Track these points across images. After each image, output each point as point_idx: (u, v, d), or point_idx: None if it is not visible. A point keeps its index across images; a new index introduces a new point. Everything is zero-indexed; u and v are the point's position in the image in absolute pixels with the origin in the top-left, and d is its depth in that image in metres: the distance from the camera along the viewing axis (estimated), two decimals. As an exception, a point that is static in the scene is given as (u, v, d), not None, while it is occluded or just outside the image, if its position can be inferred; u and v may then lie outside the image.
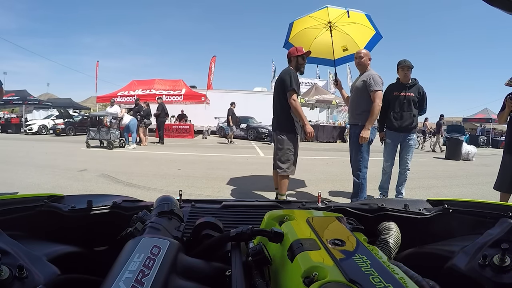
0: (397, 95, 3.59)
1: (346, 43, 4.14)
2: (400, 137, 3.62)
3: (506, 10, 0.46)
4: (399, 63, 3.62)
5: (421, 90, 3.59)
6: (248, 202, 1.07)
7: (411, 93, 3.56)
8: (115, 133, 8.86)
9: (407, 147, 3.64)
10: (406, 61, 3.59)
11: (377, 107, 3.16)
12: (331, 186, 4.60)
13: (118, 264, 0.45)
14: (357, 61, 3.40)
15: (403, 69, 3.59)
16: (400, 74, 3.64)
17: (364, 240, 0.60)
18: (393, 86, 3.70)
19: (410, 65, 3.57)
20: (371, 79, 3.19)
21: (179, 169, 5.67)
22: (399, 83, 3.65)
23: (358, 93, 3.31)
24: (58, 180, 4.33)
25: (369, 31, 3.93)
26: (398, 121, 3.56)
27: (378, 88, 3.18)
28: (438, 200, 0.98)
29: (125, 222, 0.71)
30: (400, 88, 3.60)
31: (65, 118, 15.69)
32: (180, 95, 14.13)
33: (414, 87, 3.59)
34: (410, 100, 3.55)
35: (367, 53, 3.43)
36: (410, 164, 3.67)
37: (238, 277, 0.50)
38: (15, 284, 0.46)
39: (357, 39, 4.08)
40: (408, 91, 3.56)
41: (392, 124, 3.60)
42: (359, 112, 3.29)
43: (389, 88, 3.72)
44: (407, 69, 3.57)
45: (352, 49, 4.09)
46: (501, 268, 0.55)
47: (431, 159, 9.29)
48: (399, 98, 3.58)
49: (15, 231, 0.67)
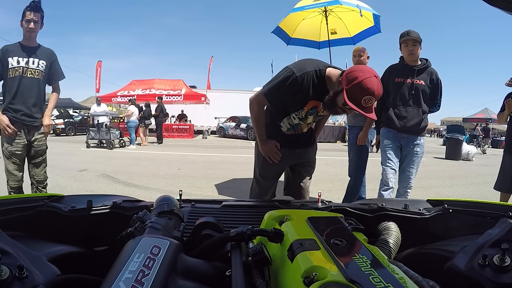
0: (401, 82, 2.55)
1: (336, 27, 3.94)
2: (402, 139, 2.59)
3: (506, 10, 0.46)
4: (402, 36, 2.55)
5: (434, 75, 2.54)
6: (248, 202, 1.07)
7: (420, 80, 2.52)
8: (115, 133, 8.87)
9: (411, 155, 2.56)
10: (411, 32, 2.50)
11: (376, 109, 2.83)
12: (331, 186, 4.60)
13: (118, 264, 0.45)
14: (356, 59, 3.03)
15: (406, 43, 2.51)
16: (404, 52, 2.56)
17: (364, 240, 0.60)
18: (395, 70, 2.63)
19: (418, 38, 2.48)
20: None
21: (179, 169, 5.67)
22: (403, 65, 2.59)
23: None
24: (58, 180, 4.33)
25: (366, 21, 3.76)
26: (402, 120, 2.54)
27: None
28: (438, 200, 0.98)
29: (125, 222, 0.71)
30: (404, 73, 2.55)
31: (65, 118, 15.70)
32: (180, 95, 14.14)
33: (425, 72, 2.54)
34: (419, 90, 2.51)
35: (365, 50, 3.09)
36: (414, 180, 2.64)
37: (238, 277, 0.50)
38: (15, 284, 0.46)
39: (349, 25, 3.89)
40: (416, 77, 2.51)
41: (392, 122, 2.59)
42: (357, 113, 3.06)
43: (388, 71, 2.67)
44: (413, 44, 2.47)
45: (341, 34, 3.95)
46: (501, 268, 0.55)
47: (431, 159, 9.29)
48: (403, 87, 2.55)
49: (15, 231, 0.67)
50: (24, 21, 2.32)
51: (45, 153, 2.52)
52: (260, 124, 1.78)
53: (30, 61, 2.36)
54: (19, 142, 2.35)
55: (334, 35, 3.99)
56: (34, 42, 2.43)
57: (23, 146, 2.38)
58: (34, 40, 2.42)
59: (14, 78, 2.33)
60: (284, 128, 1.76)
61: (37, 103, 2.41)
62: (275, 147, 1.74)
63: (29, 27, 2.31)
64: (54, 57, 2.52)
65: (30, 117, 2.38)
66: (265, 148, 1.77)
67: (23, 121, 2.36)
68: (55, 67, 2.53)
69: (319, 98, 1.58)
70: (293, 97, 1.59)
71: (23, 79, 2.35)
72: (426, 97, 2.56)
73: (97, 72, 16.11)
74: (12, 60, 2.32)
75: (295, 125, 1.74)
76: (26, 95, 2.36)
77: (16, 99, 2.34)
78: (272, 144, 1.75)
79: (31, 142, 2.42)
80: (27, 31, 2.34)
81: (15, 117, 2.34)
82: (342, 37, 4.06)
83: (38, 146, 2.44)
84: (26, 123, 2.37)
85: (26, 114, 2.37)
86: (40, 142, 2.45)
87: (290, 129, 1.76)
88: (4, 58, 2.32)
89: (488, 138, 15.56)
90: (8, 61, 2.32)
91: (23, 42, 2.39)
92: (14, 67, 2.33)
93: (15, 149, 2.35)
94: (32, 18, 2.30)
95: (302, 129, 1.78)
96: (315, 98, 1.58)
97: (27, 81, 2.36)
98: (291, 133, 1.77)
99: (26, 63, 2.35)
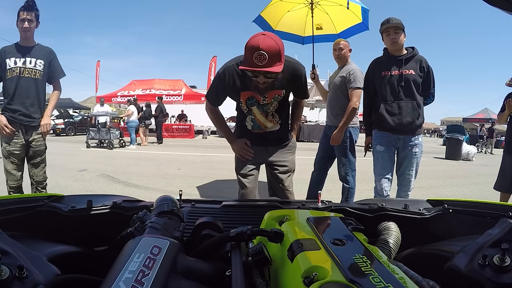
0: (387, 75, 2.35)
1: (322, 22, 3.76)
2: (398, 141, 2.38)
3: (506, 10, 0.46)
4: (382, 24, 2.36)
5: (424, 63, 2.34)
6: (248, 202, 1.07)
7: (409, 69, 2.31)
8: (115, 133, 8.87)
9: (409, 157, 2.37)
10: (392, 19, 2.31)
11: (354, 107, 2.66)
12: (331, 186, 4.59)
13: (118, 264, 0.45)
14: (336, 53, 2.86)
15: (388, 32, 2.32)
16: (386, 41, 2.36)
17: (364, 240, 0.60)
18: (379, 63, 2.44)
19: (399, 24, 2.28)
20: (351, 74, 2.69)
21: (179, 169, 5.67)
22: (388, 57, 2.39)
23: (336, 91, 2.83)
24: (58, 180, 4.33)
25: (354, 18, 3.62)
26: (395, 117, 2.32)
27: (359, 85, 2.66)
28: (438, 200, 0.98)
29: (125, 222, 0.71)
30: (390, 65, 2.35)
31: (65, 118, 15.70)
32: (180, 95, 14.16)
33: (413, 60, 2.34)
34: (410, 80, 2.30)
35: (347, 44, 2.91)
36: (414, 183, 2.45)
37: (238, 277, 0.50)
38: (15, 284, 0.46)
39: (336, 21, 3.74)
40: (404, 67, 2.31)
41: (385, 121, 2.35)
42: (338, 112, 2.79)
43: (373, 65, 2.49)
44: (395, 31, 2.29)
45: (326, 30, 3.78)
46: (501, 268, 0.55)
47: (431, 159, 9.28)
48: (391, 80, 2.33)
49: (15, 231, 0.67)
50: (19, 21, 2.33)
51: (43, 153, 2.51)
52: (221, 126, 1.93)
53: (27, 61, 2.36)
54: (17, 142, 2.36)
55: (320, 31, 3.80)
56: (31, 41, 2.42)
57: (21, 146, 2.38)
58: (31, 39, 2.41)
59: (12, 78, 2.34)
60: (249, 126, 1.81)
61: (35, 103, 2.41)
62: (244, 144, 1.80)
63: (23, 27, 2.31)
64: (52, 55, 2.50)
65: (28, 117, 2.38)
66: (234, 147, 1.85)
67: (20, 121, 2.36)
68: (54, 65, 2.51)
69: (251, 88, 1.64)
70: (228, 93, 1.70)
71: (21, 79, 2.35)
72: (418, 87, 2.34)
73: (96, 72, 16.13)
74: (9, 61, 2.33)
75: (254, 121, 1.79)
76: (24, 95, 2.36)
77: (14, 100, 2.35)
78: (240, 142, 1.81)
79: (29, 142, 2.41)
80: (22, 30, 2.34)
81: (13, 117, 2.34)
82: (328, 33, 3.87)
83: (36, 146, 2.44)
84: (23, 123, 2.38)
85: (24, 114, 2.37)
86: (38, 142, 2.44)
87: (254, 126, 1.80)
88: (2, 60, 2.33)
89: (493, 139, 15.41)
90: (6, 63, 2.32)
91: (20, 42, 2.39)
92: (11, 68, 2.33)
93: (13, 149, 2.35)
94: (26, 17, 2.31)
95: (265, 125, 1.78)
96: (245, 89, 1.65)
97: (24, 81, 2.36)
98: (257, 131, 1.81)
99: (23, 63, 2.35)
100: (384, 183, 2.40)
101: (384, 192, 2.40)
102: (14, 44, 2.39)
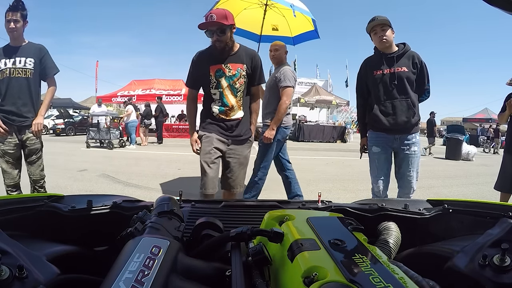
0: (380, 74, 2.29)
1: (278, 24, 3.86)
2: (394, 141, 2.31)
3: (506, 10, 0.46)
4: (368, 23, 2.31)
5: (417, 59, 2.28)
6: (248, 202, 1.07)
7: (401, 67, 2.25)
8: (115, 133, 8.87)
9: (408, 157, 2.30)
10: (377, 17, 2.27)
11: (284, 106, 2.75)
12: (331, 186, 4.60)
13: (118, 264, 0.45)
14: (272, 53, 2.96)
15: (375, 31, 2.27)
16: (375, 40, 2.31)
17: (364, 240, 0.60)
18: (371, 62, 2.39)
19: (385, 21, 2.23)
20: (281, 73, 2.79)
21: (179, 169, 5.67)
22: (379, 55, 2.33)
23: (269, 90, 2.94)
24: (58, 180, 4.33)
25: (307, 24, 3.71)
26: (390, 117, 2.26)
27: (288, 84, 2.75)
28: (438, 200, 0.98)
29: (125, 222, 0.71)
30: (381, 63, 2.30)
31: (65, 118, 15.70)
32: (180, 95, 14.14)
33: (405, 57, 2.28)
34: (403, 78, 2.24)
35: (283, 45, 3.02)
36: (415, 185, 2.38)
37: (238, 277, 0.50)
38: (15, 284, 0.46)
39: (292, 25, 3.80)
40: (396, 65, 2.26)
41: (380, 122, 2.30)
42: (270, 111, 2.87)
43: (364, 65, 2.43)
44: (381, 28, 2.23)
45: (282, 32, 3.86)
46: (501, 268, 0.55)
47: (431, 159, 9.29)
48: (383, 79, 2.28)
49: (15, 231, 0.67)
50: (5, 23, 2.35)
51: (39, 151, 2.52)
52: (192, 116, 2.30)
53: (16, 61, 2.37)
54: (10, 142, 2.39)
55: (276, 32, 3.90)
56: (21, 40, 2.43)
57: (15, 145, 2.41)
58: (20, 39, 2.42)
59: (3, 80, 2.36)
60: (215, 110, 2.11)
61: (27, 103, 2.42)
62: (195, 139, 2.16)
63: (10, 27, 2.33)
64: (43, 52, 2.50)
65: (20, 116, 2.40)
66: (190, 139, 2.22)
67: (13, 121, 2.39)
68: (46, 62, 2.50)
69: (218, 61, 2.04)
70: (201, 71, 2.09)
71: (12, 80, 2.37)
72: (412, 84, 2.27)
73: (96, 72, 16.14)
74: (0, 64, 2.35)
75: (222, 101, 2.10)
76: (15, 95, 2.39)
77: (6, 101, 2.38)
78: (194, 137, 2.18)
79: (23, 141, 2.43)
80: (9, 31, 2.37)
81: (6, 118, 2.37)
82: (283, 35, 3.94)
83: (30, 145, 2.46)
84: (16, 123, 2.40)
85: (16, 114, 2.39)
86: (32, 141, 2.46)
87: (221, 108, 2.10)
88: None
89: (499, 139, 15.37)
90: None
91: (10, 43, 2.42)
92: (1, 70, 2.35)
93: (7, 148, 2.39)
94: (11, 18, 2.33)
95: (231, 104, 2.10)
96: (213, 63, 2.05)
97: (15, 82, 2.38)
98: (223, 115, 2.11)
99: (13, 63, 2.37)
100: (381, 185, 2.36)
101: (381, 193, 2.36)
102: (4, 46, 2.42)
